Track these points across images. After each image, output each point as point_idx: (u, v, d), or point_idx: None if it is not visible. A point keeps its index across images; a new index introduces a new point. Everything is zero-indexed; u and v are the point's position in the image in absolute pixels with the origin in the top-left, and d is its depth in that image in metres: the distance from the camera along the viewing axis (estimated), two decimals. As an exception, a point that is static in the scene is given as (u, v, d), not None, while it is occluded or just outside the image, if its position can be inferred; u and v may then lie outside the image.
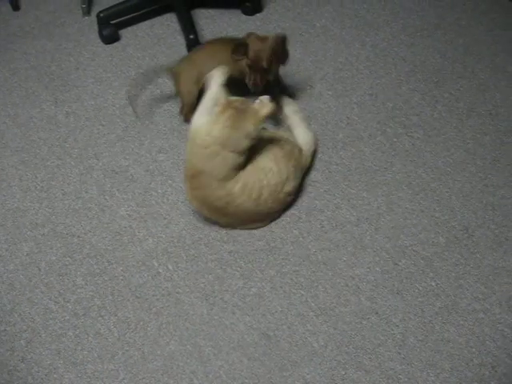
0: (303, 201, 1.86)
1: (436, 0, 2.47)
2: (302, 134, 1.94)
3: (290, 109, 2.01)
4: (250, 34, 1.88)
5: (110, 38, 2.32)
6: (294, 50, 2.27)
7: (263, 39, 1.87)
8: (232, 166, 1.70)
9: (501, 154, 1.97)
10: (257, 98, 1.71)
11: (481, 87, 2.16)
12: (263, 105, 1.70)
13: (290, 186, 1.79)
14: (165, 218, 1.83)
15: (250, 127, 1.68)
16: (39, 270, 1.74)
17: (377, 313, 1.65)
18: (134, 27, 2.38)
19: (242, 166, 1.73)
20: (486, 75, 2.20)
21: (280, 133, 1.91)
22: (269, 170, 1.75)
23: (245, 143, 1.69)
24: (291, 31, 2.34)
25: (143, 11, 2.40)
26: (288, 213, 1.84)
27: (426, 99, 2.12)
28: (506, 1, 2.46)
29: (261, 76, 1.88)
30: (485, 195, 1.88)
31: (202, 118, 1.73)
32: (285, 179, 1.77)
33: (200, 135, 1.69)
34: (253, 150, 1.75)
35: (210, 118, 1.70)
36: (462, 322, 1.63)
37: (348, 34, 2.34)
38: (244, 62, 1.89)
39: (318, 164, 1.94)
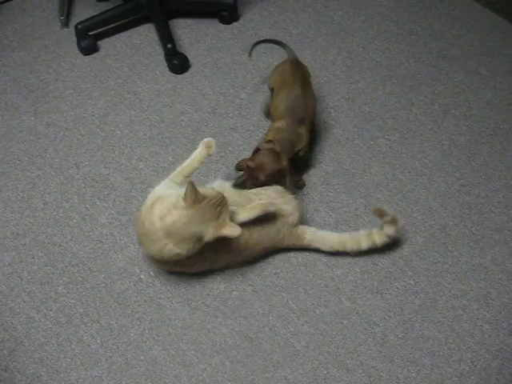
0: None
1: (410, 6, 2.52)
2: (330, 235, 1.74)
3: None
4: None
5: (88, 49, 2.34)
6: (271, 57, 2.31)
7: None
8: (172, 256, 1.54)
9: (476, 154, 2.01)
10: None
11: (455, 90, 2.20)
12: (229, 225, 1.51)
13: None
14: (146, 225, 1.84)
15: (205, 234, 1.50)
16: (21, 279, 1.74)
17: (357, 312, 1.67)
18: (113, 38, 2.40)
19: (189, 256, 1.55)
20: (460, 78, 2.24)
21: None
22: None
23: (191, 246, 1.52)
24: (268, 39, 2.37)
25: (121, 22, 2.41)
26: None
27: (402, 102, 2.16)
28: (478, 6, 2.51)
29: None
30: (461, 194, 1.91)
31: (166, 188, 1.63)
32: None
33: (154, 212, 1.53)
34: None
35: (174, 199, 1.53)
36: (441, 319, 1.65)
37: (324, 40, 2.37)
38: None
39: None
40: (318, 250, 1.75)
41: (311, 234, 1.72)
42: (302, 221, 1.76)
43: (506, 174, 1.95)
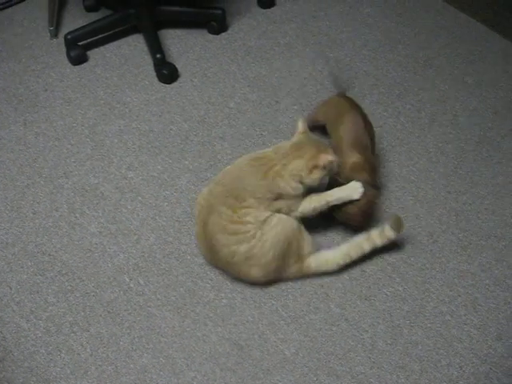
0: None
1: (397, 16, 2.55)
2: (331, 253, 1.73)
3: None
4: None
5: (77, 59, 2.35)
6: (259, 67, 2.33)
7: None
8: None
9: (462, 162, 2.03)
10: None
11: (441, 98, 2.23)
12: (324, 152, 1.65)
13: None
14: (135, 234, 1.85)
15: (297, 172, 1.64)
16: (10, 288, 1.74)
17: (346, 319, 1.68)
18: (102, 48, 2.41)
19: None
20: (446, 86, 2.27)
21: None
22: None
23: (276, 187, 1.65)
24: (256, 49, 2.39)
25: (110, 32, 2.43)
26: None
27: (389, 111, 2.18)
28: (464, 16, 2.54)
29: None
30: (448, 201, 1.93)
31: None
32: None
33: None
34: None
35: None
36: (429, 325, 1.66)
37: (312, 50, 2.40)
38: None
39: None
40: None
41: (315, 261, 1.71)
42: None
43: (493, 181, 1.98)
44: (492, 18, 2.54)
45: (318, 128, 1.98)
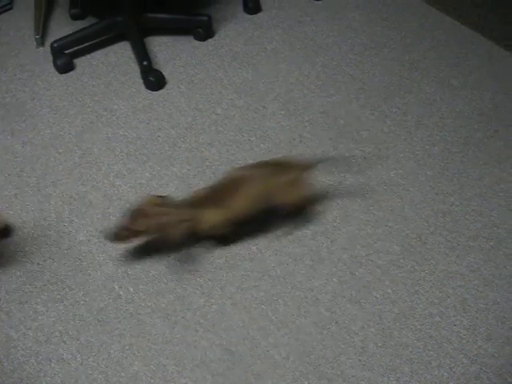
0: (260, 217, 1.89)
1: (382, 20, 2.57)
2: None
3: None
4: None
5: (64, 67, 2.34)
6: (246, 72, 2.34)
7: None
8: None
9: (449, 164, 2.04)
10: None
11: (427, 101, 2.24)
12: None
13: None
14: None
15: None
16: (-1, 299, 1.73)
17: (336, 322, 1.68)
18: (88, 56, 2.41)
19: None
20: (432, 89, 2.28)
21: None
22: None
23: None
24: (243, 55, 2.40)
25: (97, 40, 2.43)
26: (245, 230, 1.87)
27: (376, 114, 2.19)
28: (449, 19, 2.57)
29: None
30: (436, 203, 1.94)
31: None
32: None
33: None
34: None
35: None
36: (419, 327, 1.67)
37: (298, 55, 2.41)
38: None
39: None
40: (297, 259, 1.77)
41: None
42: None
43: (479, 182, 1.99)
44: (476, 21, 2.56)
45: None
